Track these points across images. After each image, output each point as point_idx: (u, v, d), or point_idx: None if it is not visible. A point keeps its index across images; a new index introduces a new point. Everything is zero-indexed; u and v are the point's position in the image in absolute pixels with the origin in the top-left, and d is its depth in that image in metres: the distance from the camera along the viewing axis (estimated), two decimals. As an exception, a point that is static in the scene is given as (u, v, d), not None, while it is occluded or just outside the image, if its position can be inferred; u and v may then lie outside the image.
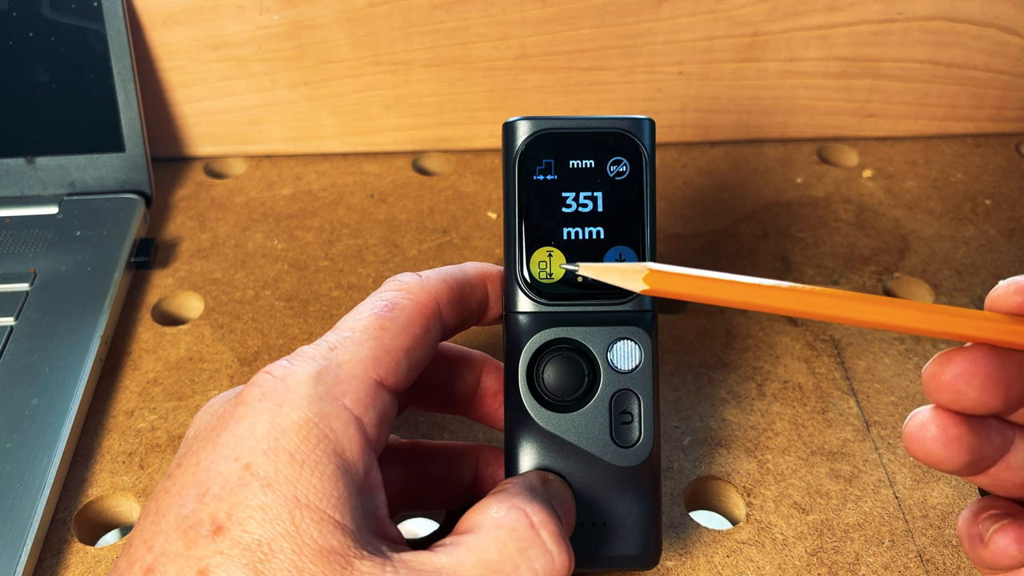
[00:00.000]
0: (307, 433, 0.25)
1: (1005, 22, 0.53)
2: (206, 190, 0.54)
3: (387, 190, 0.54)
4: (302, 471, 0.24)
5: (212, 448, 0.25)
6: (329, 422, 0.25)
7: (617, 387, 0.29)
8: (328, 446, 0.25)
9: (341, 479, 0.25)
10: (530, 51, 0.53)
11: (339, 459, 0.25)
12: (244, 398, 0.26)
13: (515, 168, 0.30)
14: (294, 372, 0.26)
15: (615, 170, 0.30)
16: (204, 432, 0.26)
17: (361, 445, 0.25)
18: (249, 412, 0.25)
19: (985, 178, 0.55)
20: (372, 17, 0.51)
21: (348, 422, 0.25)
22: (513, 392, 0.30)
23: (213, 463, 0.25)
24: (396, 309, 0.28)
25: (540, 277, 0.30)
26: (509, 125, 0.30)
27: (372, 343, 0.27)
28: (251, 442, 0.25)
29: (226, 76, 0.53)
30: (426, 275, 0.30)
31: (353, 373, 0.26)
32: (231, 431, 0.25)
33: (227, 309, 0.46)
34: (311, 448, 0.25)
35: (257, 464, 0.24)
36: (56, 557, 0.35)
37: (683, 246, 0.50)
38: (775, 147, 0.57)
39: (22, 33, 0.48)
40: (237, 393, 0.27)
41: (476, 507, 0.27)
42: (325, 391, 0.26)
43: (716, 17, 0.52)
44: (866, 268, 0.49)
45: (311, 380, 0.26)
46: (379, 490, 0.26)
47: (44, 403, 0.39)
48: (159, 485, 0.26)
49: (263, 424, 0.25)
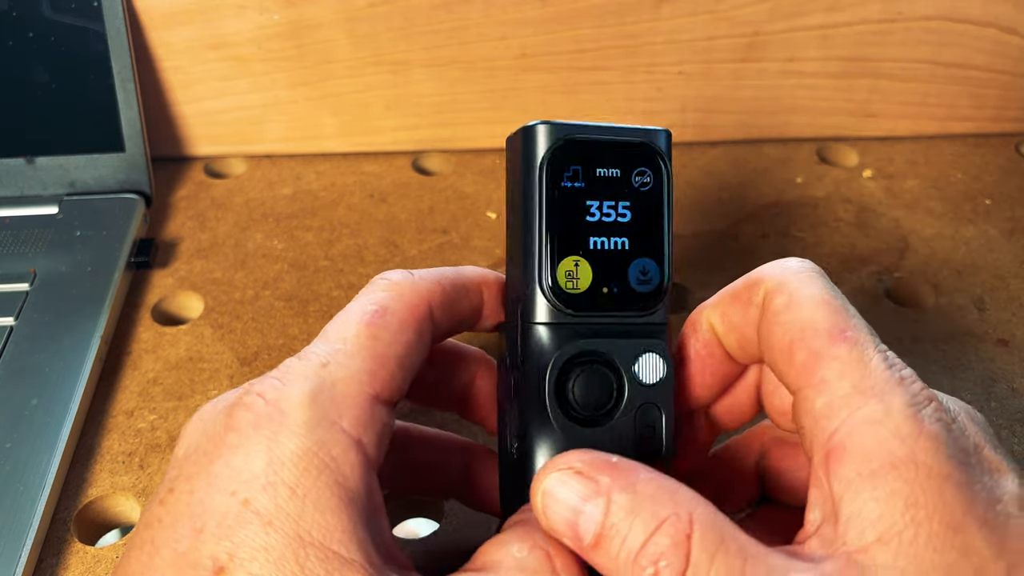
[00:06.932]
0: (307, 464, 0.23)
1: (1005, 22, 0.53)
2: (206, 190, 0.54)
3: (387, 190, 0.54)
4: (304, 507, 0.23)
5: (206, 478, 0.24)
6: (328, 450, 0.24)
7: (642, 400, 0.28)
8: (329, 476, 0.24)
9: (345, 511, 0.23)
10: (530, 51, 0.53)
11: (341, 489, 0.24)
12: (236, 423, 0.24)
13: (542, 173, 0.28)
14: (287, 395, 0.24)
15: (640, 180, 0.29)
16: (196, 456, 0.25)
17: (363, 469, 0.24)
18: (243, 440, 0.24)
19: (985, 178, 0.55)
20: (372, 17, 0.51)
21: (348, 447, 0.24)
22: (532, 406, 0.28)
23: (208, 496, 0.23)
24: (387, 314, 0.26)
25: (567, 287, 0.28)
26: (531, 129, 0.29)
27: (365, 355, 0.26)
28: (247, 475, 0.23)
29: (226, 76, 0.53)
30: (419, 274, 0.28)
31: (348, 392, 0.25)
32: (225, 461, 0.24)
33: (227, 309, 0.46)
34: (312, 481, 0.23)
35: (256, 500, 0.23)
36: (56, 557, 0.35)
37: (683, 246, 0.50)
38: (775, 147, 0.57)
39: (22, 33, 0.48)
40: (227, 411, 0.25)
41: (496, 541, 0.25)
42: (322, 415, 0.24)
43: (716, 17, 0.52)
44: (866, 268, 0.49)
45: (306, 404, 0.24)
46: (382, 512, 0.25)
47: (44, 403, 0.39)
48: (151, 510, 0.25)
49: (259, 456, 0.23)
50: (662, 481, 0.24)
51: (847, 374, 0.24)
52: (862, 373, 0.24)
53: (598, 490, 0.23)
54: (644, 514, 0.23)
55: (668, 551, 0.22)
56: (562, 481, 0.24)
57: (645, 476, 0.24)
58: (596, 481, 0.24)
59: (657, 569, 0.22)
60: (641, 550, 0.22)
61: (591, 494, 0.23)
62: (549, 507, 0.24)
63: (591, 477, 0.24)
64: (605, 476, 0.24)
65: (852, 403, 0.23)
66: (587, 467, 0.24)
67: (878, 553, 0.22)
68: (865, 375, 0.24)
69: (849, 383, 0.24)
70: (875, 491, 0.22)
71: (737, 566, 0.22)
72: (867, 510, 0.22)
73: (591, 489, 0.24)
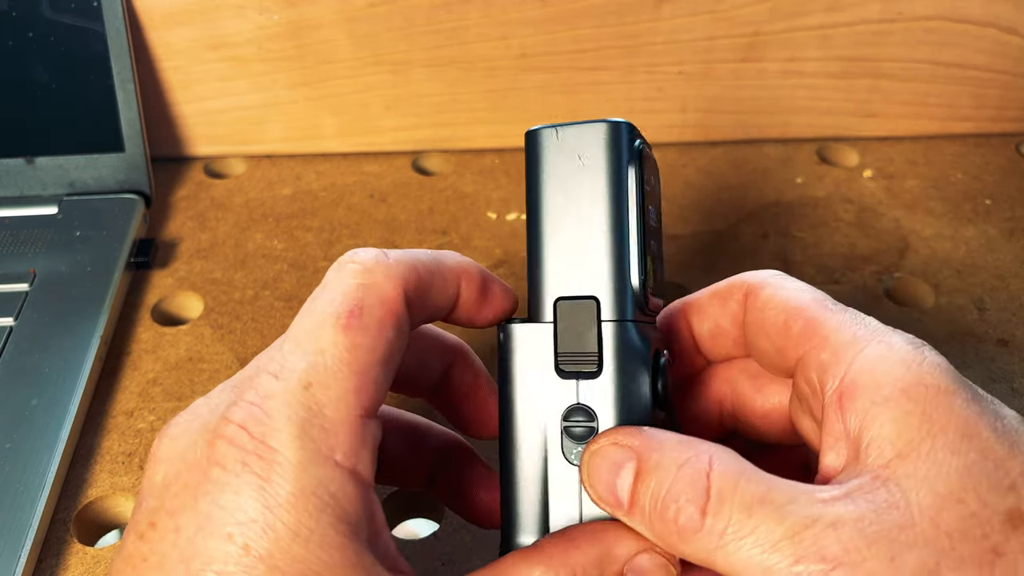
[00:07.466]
0: (305, 504, 0.22)
1: (1005, 22, 0.53)
2: (206, 190, 0.54)
3: (387, 190, 0.54)
4: (308, 547, 0.22)
5: (194, 517, 0.22)
6: (326, 487, 0.23)
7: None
8: (331, 514, 0.23)
9: (350, 545, 0.23)
10: (530, 51, 0.53)
11: (344, 524, 0.23)
12: (220, 457, 0.23)
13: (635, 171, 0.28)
14: (274, 430, 0.23)
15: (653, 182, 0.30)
16: (177, 488, 0.23)
17: (361, 497, 0.23)
18: (230, 478, 0.23)
19: (985, 178, 0.55)
20: (372, 17, 0.51)
21: (344, 480, 0.23)
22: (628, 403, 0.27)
23: (200, 538, 0.22)
24: (363, 314, 0.24)
25: (650, 287, 0.28)
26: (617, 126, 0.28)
27: (347, 370, 0.24)
28: (242, 516, 0.22)
29: (226, 76, 0.53)
30: (393, 256, 0.26)
31: (337, 417, 0.23)
32: (212, 499, 0.22)
33: (227, 309, 0.46)
34: (314, 521, 0.22)
35: (257, 544, 0.22)
36: (56, 558, 0.35)
37: (683, 246, 0.50)
38: (775, 147, 0.57)
39: (22, 33, 0.48)
40: (208, 442, 0.23)
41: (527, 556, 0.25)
42: (315, 451, 0.23)
43: (716, 17, 0.52)
44: (866, 268, 0.49)
45: (296, 439, 0.23)
46: (384, 530, 0.24)
47: (44, 403, 0.39)
48: (132, 545, 0.23)
49: (252, 497, 0.22)
50: (683, 437, 0.25)
51: (845, 328, 0.26)
52: (859, 325, 0.26)
53: (630, 455, 0.24)
54: (666, 464, 0.24)
55: (688, 487, 0.23)
56: (601, 454, 0.25)
57: (669, 435, 0.25)
58: (629, 447, 0.25)
59: (679, 505, 0.23)
60: (666, 495, 0.23)
61: (625, 459, 0.24)
62: (593, 477, 0.25)
63: (625, 445, 0.25)
64: (635, 440, 0.25)
65: (856, 347, 0.25)
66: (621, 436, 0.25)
67: (899, 467, 0.22)
68: (862, 326, 0.26)
69: (849, 333, 0.25)
70: (890, 414, 0.23)
71: (762, 490, 0.22)
72: (885, 432, 0.23)
73: (625, 455, 0.24)
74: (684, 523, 0.23)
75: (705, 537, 0.22)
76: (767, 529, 0.22)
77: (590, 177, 0.28)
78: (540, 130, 0.28)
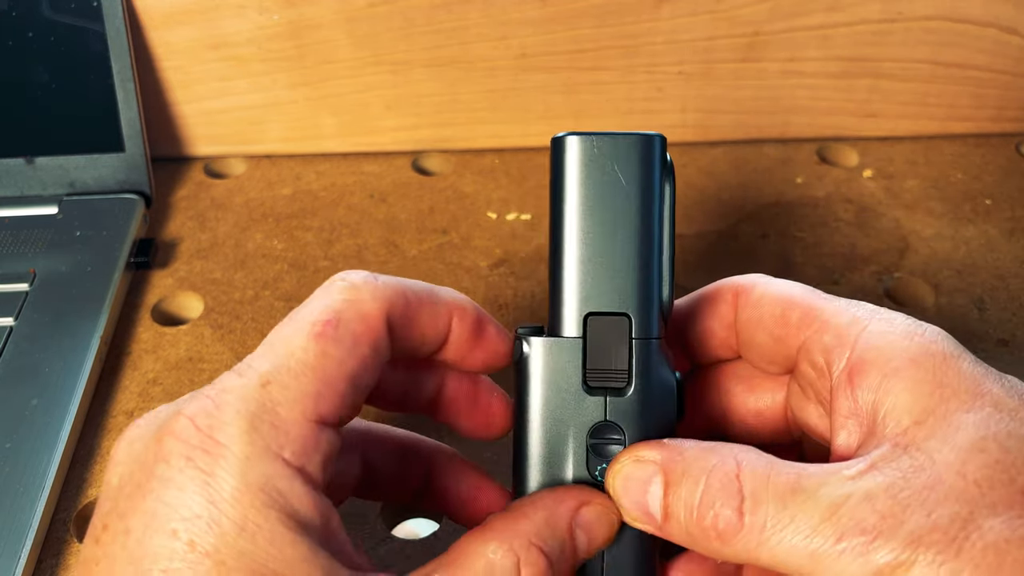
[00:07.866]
0: (252, 500, 0.22)
1: (1005, 22, 0.53)
2: (206, 190, 0.54)
3: (387, 190, 0.54)
4: (256, 542, 0.22)
5: (141, 516, 0.22)
6: (273, 484, 0.22)
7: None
8: (279, 510, 0.22)
9: (302, 541, 0.22)
10: (530, 51, 0.53)
11: (293, 521, 0.22)
12: (165, 452, 0.23)
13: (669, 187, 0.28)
14: (222, 424, 0.23)
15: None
16: (129, 488, 0.23)
17: (311, 496, 0.23)
18: (174, 474, 0.22)
19: (985, 178, 0.55)
20: (372, 17, 0.51)
21: (292, 478, 0.23)
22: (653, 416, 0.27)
23: (148, 537, 0.22)
24: (340, 326, 0.24)
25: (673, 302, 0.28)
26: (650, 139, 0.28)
27: (311, 375, 0.24)
28: (186, 512, 0.22)
29: (226, 76, 0.53)
30: (383, 280, 0.26)
31: (291, 417, 0.23)
32: (156, 496, 0.22)
33: (227, 309, 0.46)
34: (262, 517, 0.22)
35: (202, 540, 0.21)
36: (55, 558, 0.35)
37: (684, 247, 0.50)
38: (775, 147, 0.57)
39: (22, 33, 0.48)
40: (156, 437, 0.23)
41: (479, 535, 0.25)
42: (262, 446, 0.23)
43: (716, 17, 0.52)
44: (866, 268, 0.49)
45: (244, 433, 0.22)
46: (339, 528, 0.24)
47: (44, 403, 0.39)
48: (88, 549, 0.23)
49: (196, 492, 0.22)
50: (703, 443, 0.25)
51: (843, 312, 0.27)
52: (855, 307, 0.27)
53: (655, 469, 0.25)
54: (694, 472, 0.24)
55: (721, 492, 0.23)
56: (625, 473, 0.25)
57: (689, 443, 0.25)
58: (652, 462, 0.25)
59: (716, 510, 0.23)
60: (700, 503, 0.24)
61: (650, 474, 0.25)
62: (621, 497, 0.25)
63: (648, 460, 0.25)
64: (657, 454, 0.25)
65: (858, 326, 0.26)
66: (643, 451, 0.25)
67: (918, 432, 0.23)
68: (859, 307, 0.27)
69: (848, 315, 0.26)
70: (902, 384, 0.24)
71: (792, 480, 0.23)
72: (900, 401, 0.24)
73: (650, 470, 0.25)
74: (724, 527, 0.23)
75: (746, 536, 0.23)
76: (805, 516, 0.22)
77: (624, 191, 0.27)
78: (571, 136, 0.27)
